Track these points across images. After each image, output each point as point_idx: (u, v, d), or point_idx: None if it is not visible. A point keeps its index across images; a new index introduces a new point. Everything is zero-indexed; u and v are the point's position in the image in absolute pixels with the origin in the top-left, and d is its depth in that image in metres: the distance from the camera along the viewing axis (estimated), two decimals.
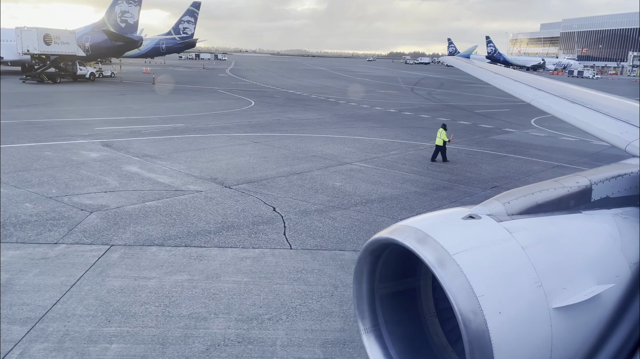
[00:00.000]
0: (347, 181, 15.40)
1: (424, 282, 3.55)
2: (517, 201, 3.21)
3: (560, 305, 2.77)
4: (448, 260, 2.64)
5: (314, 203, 13.03)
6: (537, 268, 2.78)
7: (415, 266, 3.48)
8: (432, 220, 3.02)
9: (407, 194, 14.33)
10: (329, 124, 27.49)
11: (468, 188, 15.21)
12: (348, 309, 7.73)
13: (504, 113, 36.77)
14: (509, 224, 2.99)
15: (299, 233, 10.91)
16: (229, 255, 9.58)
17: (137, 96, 38.90)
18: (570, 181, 3.52)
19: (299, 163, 17.52)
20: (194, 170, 15.93)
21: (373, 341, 3.35)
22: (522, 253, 2.82)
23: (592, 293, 2.88)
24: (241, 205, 12.63)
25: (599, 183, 3.56)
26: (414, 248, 2.73)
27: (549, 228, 3.12)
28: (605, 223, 3.33)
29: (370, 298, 3.33)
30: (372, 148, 20.89)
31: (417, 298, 3.56)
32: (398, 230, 2.92)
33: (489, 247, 2.82)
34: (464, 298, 2.55)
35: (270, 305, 7.76)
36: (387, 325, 3.38)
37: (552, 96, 7.63)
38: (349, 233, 11.06)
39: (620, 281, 3.07)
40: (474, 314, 2.53)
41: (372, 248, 3.08)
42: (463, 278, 2.59)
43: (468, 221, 2.98)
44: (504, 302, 2.63)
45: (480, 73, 11.78)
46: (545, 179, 3.69)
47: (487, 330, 2.54)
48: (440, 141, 18.80)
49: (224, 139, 21.58)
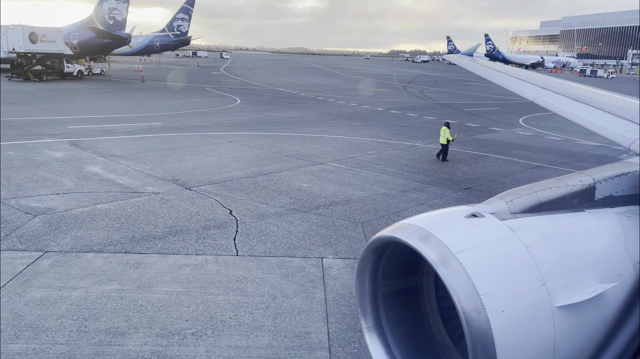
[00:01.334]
0: (315, 183, 14.88)
1: (426, 280, 3.54)
2: (520, 200, 3.19)
3: (563, 304, 2.75)
4: (451, 259, 2.63)
5: (274, 206, 12.52)
6: (540, 267, 2.77)
7: (417, 265, 3.47)
8: (434, 219, 3.01)
9: (374, 196, 13.81)
10: (311, 123, 26.96)
11: (439, 190, 14.69)
12: (281, 323, 7.23)
13: (494, 111, 36.22)
14: (512, 222, 2.97)
15: (251, 238, 10.40)
16: (169, 262, 9.07)
17: (122, 94, 38.37)
18: (573, 179, 3.49)
19: (270, 164, 17.00)
20: (158, 170, 15.42)
21: (375, 339, 3.35)
22: (525, 251, 2.80)
23: (595, 291, 2.86)
24: (197, 207, 12.12)
25: (603, 182, 3.54)
26: (416, 246, 2.72)
27: (552, 226, 3.11)
28: (608, 222, 3.32)
29: (373, 296, 3.33)
30: (349, 148, 20.37)
31: (419, 297, 3.56)
32: (401, 228, 2.91)
33: (491, 245, 2.80)
34: (466, 296, 2.53)
35: (198, 318, 7.25)
36: (389, 323, 3.37)
37: (556, 94, 7.55)
38: (303, 238, 10.54)
39: (623, 280, 3.04)
40: (477, 313, 2.52)
41: (375, 246, 3.08)
42: (466, 277, 2.57)
43: (471, 220, 2.95)
44: (506, 300, 2.62)
45: (483, 71, 11.66)
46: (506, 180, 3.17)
47: (489, 328, 2.52)
48: (444, 139, 18.60)
49: (198, 138, 21.06)
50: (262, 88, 49.26)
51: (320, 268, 9.14)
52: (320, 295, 8.11)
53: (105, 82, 48.33)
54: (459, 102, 42.64)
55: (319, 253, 9.78)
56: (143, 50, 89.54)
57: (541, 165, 18.52)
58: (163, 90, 43.47)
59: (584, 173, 3.61)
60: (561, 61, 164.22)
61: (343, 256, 9.69)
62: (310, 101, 38.68)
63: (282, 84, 55.16)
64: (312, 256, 9.62)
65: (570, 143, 23.73)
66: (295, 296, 8.03)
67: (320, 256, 9.67)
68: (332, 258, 9.59)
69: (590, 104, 6.61)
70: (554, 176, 13.45)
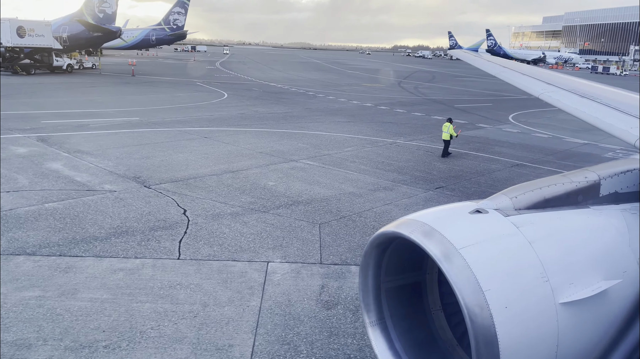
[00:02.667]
0: (282, 181, 14.38)
1: (429, 276, 3.53)
2: (524, 196, 3.17)
3: (567, 300, 2.74)
4: (454, 254, 2.62)
5: (232, 206, 12.03)
6: (544, 263, 2.76)
7: (421, 260, 3.46)
8: (438, 214, 2.99)
9: (340, 195, 13.31)
10: (294, 118, 26.43)
11: (410, 189, 14.17)
12: (205, 334, 6.75)
13: (485, 107, 35.59)
14: (516, 219, 2.96)
15: (198, 240, 9.91)
16: (104, 266, 8.59)
17: (108, 88, 37.86)
18: (578, 176, 3.46)
19: (241, 161, 16.50)
20: (122, 167, 14.93)
21: (378, 334, 3.33)
22: (529, 247, 2.79)
23: (599, 288, 2.85)
24: (150, 207, 11.64)
25: (608, 179, 3.52)
26: (420, 242, 2.71)
27: (557, 222, 3.10)
28: (613, 219, 3.30)
29: (376, 291, 3.31)
30: (327, 145, 19.85)
31: (422, 292, 3.55)
32: (404, 223, 2.89)
33: (495, 242, 2.79)
34: (470, 292, 2.52)
35: (117, 329, 6.77)
36: (392, 318, 3.37)
37: (562, 90, 7.52)
38: (254, 240, 10.05)
39: (627, 276, 3.03)
40: (480, 309, 2.51)
41: (378, 241, 3.06)
42: (469, 272, 2.57)
43: (475, 216, 2.94)
44: (510, 297, 2.61)
45: (489, 66, 11.47)
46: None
47: (493, 324, 2.52)
48: (447, 135, 18.37)
49: (174, 134, 20.56)
50: (253, 83, 48.68)
51: (264, 273, 8.66)
52: (255, 303, 7.63)
53: (94, 76, 47.80)
54: (452, 98, 42.00)
55: (266, 257, 9.29)
56: (139, 44, 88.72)
57: (522, 164, 17.97)
58: (151, 84, 42.94)
59: (589, 170, 3.56)
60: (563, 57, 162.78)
61: (290, 261, 9.20)
62: (299, 96, 38.12)
63: (275, 79, 54.56)
64: (258, 260, 9.13)
65: (556, 141, 23.14)
66: (228, 305, 7.54)
67: (267, 260, 9.18)
68: (278, 262, 9.10)
69: (596, 100, 6.54)
70: (533, 175, 13.12)
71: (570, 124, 29.19)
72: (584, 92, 7.06)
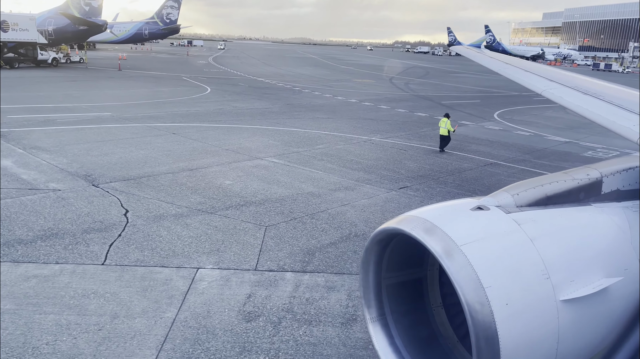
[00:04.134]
0: (241, 180, 13.82)
1: (430, 273, 3.54)
2: (526, 193, 3.18)
3: (567, 298, 2.76)
4: (455, 251, 2.63)
5: (179, 206, 11.47)
6: (545, 260, 2.78)
7: (422, 257, 3.47)
8: (440, 211, 2.98)
9: (298, 195, 12.75)
10: (273, 114, 25.84)
11: (372, 189, 13.60)
12: (105, 351, 6.20)
13: (472, 104, 34.96)
14: (517, 216, 2.97)
15: (130, 244, 9.35)
16: (18, 272, 8.03)
17: (89, 82, 37.22)
18: (580, 173, 3.46)
19: (203, 158, 15.93)
20: (75, 164, 14.36)
21: (379, 330, 3.34)
22: (530, 244, 2.81)
23: (600, 286, 2.86)
24: (91, 207, 11.08)
25: (610, 176, 3.52)
26: (421, 238, 2.72)
27: (558, 220, 3.10)
28: (614, 216, 3.29)
29: (377, 287, 3.33)
30: (299, 142, 19.27)
31: (423, 289, 3.55)
32: (405, 220, 2.90)
33: (496, 238, 2.80)
34: (471, 289, 2.54)
35: (7, 344, 6.22)
36: (393, 315, 3.37)
37: (564, 87, 7.50)
38: (191, 244, 9.50)
39: (629, 274, 3.03)
40: (481, 306, 2.52)
41: (380, 238, 3.07)
42: (470, 269, 2.58)
43: (476, 213, 2.94)
44: (511, 294, 2.62)
45: (491, 63, 11.38)
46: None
47: (493, 321, 2.53)
48: (445, 131, 18.42)
49: (142, 130, 19.98)
50: (241, 78, 48.04)
51: (190, 280, 8.11)
52: (170, 315, 7.08)
53: (79, 70, 47.11)
54: (441, 94, 41.37)
55: (197, 263, 8.74)
56: (132, 38, 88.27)
57: (496, 162, 17.38)
58: (135, 79, 42.31)
59: (591, 167, 3.55)
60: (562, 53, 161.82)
61: (223, 267, 8.65)
62: (284, 91, 37.49)
63: (265, 74, 53.89)
64: (188, 267, 8.58)
65: (537, 139, 22.54)
66: (140, 316, 7.00)
67: (198, 266, 8.63)
68: (209, 269, 8.55)
69: (598, 97, 6.51)
70: (504, 174, 12.60)
71: (555, 122, 28.61)
72: (587, 89, 7.01)
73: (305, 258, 9.17)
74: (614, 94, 6.60)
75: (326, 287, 8.15)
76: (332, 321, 7.17)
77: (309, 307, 7.50)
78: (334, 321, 7.17)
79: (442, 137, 18.77)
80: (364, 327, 7.06)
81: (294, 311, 7.37)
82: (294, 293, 7.89)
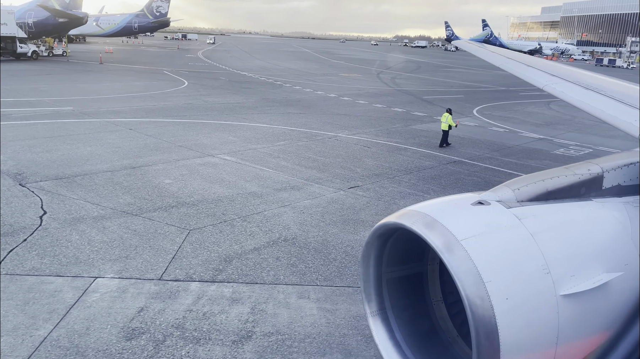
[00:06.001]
0: (183, 179, 13.11)
1: (431, 267, 3.57)
2: (527, 188, 3.18)
3: (567, 292, 2.77)
4: (456, 246, 2.65)
5: (104, 207, 10.77)
6: (546, 255, 2.80)
7: (422, 251, 3.50)
8: (440, 205, 3.01)
9: (238, 195, 12.05)
10: (243, 109, 25.10)
11: (320, 189, 12.90)
12: None
13: (454, 99, 34.18)
14: (518, 210, 2.98)
15: (33, 250, 8.66)
16: None
17: (63, 76, 36.39)
18: (581, 168, 3.46)
19: (152, 155, 15.22)
20: (10, 162, 13.65)
21: (379, 325, 3.37)
22: (530, 239, 2.83)
23: (600, 281, 2.88)
24: (7, 209, 10.37)
25: (611, 171, 3.54)
26: (421, 232, 2.74)
27: (559, 215, 3.12)
28: (615, 211, 3.30)
29: (377, 281, 3.36)
30: (260, 138, 18.56)
31: (424, 283, 3.58)
32: (406, 214, 2.93)
33: (497, 233, 2.81)
34: (471, 283, 2.55)
35: None
36: (393, 309, 3.41)
37: (566, 82, 7.50)
38: (99, 250, 8.81)
39: (629, 269, 3.04)
40: (481, 300, 2.53)
41: (380, 232, 3.10)
42: (470, 264, 2.60)
43: (477, 207, 2.96)
44: (511, 288, 2.63)
45: (493, 58, 11.36)
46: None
47: (493, 316, 2.54)
48: (446, 126, 18.40)
49: (98, 125, 19.25)
50: (225, 72, 47.21)
51: (82, 292, 7.42)
52: (42, 333, 6.40)
53: (58, 64, 46.22)
54: (425, 89, 40.58)
55: (98, 271, 8.05)
56: (121, 32, 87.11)
57: (460, 160, 16.67)
58: (114, 72, 41.49)
59: (592, 162, 3.56)
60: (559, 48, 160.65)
61: (125, 276, 7.96)
62: (264, 86, 36.71)
63: (251, 68, 53.04)
64: (86, 276, 7.89)
65: (510, 136, 21.80)
66: (7, 335, 6.31)
67: (97, 275, 7.94)
68: (109, 278, 7.86)
69: (600, 92, 6.50)
70: (465, 173, 12.05)
71: (535, 118, 27.88)
72: (589, 84, 6.98)
73: (219, 266, 8.49)
74: (616, 89, 6.58)
75: (231, 299, 7.47)
76: (223, 339, 6.49)
77: (202, 323, 6.82)
78: (225, 339, 6.49)
79: (444, 131, 18.61)
80: (256, 346, 6.40)
81: (184, 328, 6.69)
82: (192, 306, 7.21)
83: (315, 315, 7.17)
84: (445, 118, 18.52)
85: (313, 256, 9.07)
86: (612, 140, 21.35)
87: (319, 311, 7.29)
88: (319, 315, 7.18)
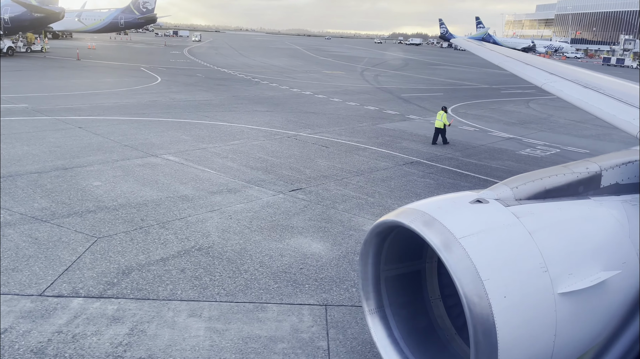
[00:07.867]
0: (114, 181, 12.36)
1: (429, 265, 3.58)
2: (525, 186, 3.16)
3: (565, 291, 2.74)
4: (454, 244, 2.64)
5: (13, 213, 10.01)
6: (544, 253, 2.77)
7: (421, 249, 3.50)
8: (439, 204, 2.97)
9: (167, 199, 11.31)
10: (209, 107, 24.33)
11: (258, 192, 12.17)
12: None
13: (432, 97, 33.48)
14: (516, 209, 2.96)
15: None
16: None
17: (32, 72, 35.43)
18: (579, 167, 3.44)
19: (91, 155, 14.45)
20: None
21: (377, 322, 3.38)
22: (528, 238, 2.81)
23: (598, 279, 2.85)
24: None
25: (609, 170, 3.51)
26: (420, 231, 2.75)
27: (557, 213, 3.10)
28: (613, 210, 3.29)
29: (376, 279, 3.35)
30: (215, 137, 17.81)
31: (422, 281, 3.59)
32: (405, 212, 2.93)
33: (495, 231, 2.80)
34: (469, 281, 2.55)
35: None
36: (391, 307, 3.40)
37: (565, 80, 7.45)
38: None
39: (627, 267, 3.04)
40: (479, 298, 2.53)
41: (378, 230, 3.11)
42: (469, 262, 2.59)
43: (475, 206, 2.93)
44: (509, 286, 2.63)
45: (492, 56, 11.38)
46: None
47: (491, 314, 2.53)
48: (441, 124, 18.35)
49: (46, 123, 18.43)
50: (204, 69, 46.35)
51: None
52: None
53: (33, 60, 45.21)
54: (405, 87, 39.86)
55: None
56: (107, 28, 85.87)
57: (418, 161, 15.96)
58: (88, 69, 40.59)
59: (591, 161, 3.52)
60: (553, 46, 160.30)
61: (3, 291, 7.21)
62: (240, 83, 35.91)
63: (233, 65, 52.17)
64: None
65: (479, 135, 21.10)
66: None
67: None
68: None
69: (598, 91, 6.49)
70: (418, 174, 11.25)
71: (510, 116, 27.23)
72: (587, 83, 6.93)
73: (114, 279, 7.75)
74: (614, 88, 6.52)
75: (111, 318, 6.73)
76: None
77: (67, 347, 6.09)
78: None
79: (436, 129, 18.56)
80: None
81: (45, 353, 5.95)
82: (65, 327, 6.47)
83: (200, 336, 6.45)
84: (440, 116, 18.43)
85: (223, 268, 8.34)
86: (583, 139, 20.67)
87: (205, 331, 6.56)
88: (204, 336, 6.45)
